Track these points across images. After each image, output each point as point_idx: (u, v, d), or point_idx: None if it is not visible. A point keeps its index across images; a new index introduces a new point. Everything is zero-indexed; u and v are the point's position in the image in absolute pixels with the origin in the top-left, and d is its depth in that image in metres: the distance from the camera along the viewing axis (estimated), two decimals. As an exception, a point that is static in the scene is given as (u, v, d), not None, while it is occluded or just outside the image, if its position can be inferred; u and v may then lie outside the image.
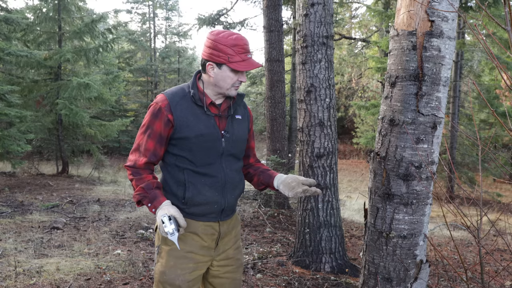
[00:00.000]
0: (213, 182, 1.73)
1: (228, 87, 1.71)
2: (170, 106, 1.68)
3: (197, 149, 1.70)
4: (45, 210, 6.23)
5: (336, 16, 13.68)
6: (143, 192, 1.67)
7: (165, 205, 1.65)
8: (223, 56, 1.66)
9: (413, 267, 1.71)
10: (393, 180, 1.67)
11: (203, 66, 1.72)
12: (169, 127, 1.69)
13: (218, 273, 1.81)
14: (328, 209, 3.86)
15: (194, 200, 1.70)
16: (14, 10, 10.52)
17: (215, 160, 1.74)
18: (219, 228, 1.78)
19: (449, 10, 1.58)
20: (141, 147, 1.70)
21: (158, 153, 1.72)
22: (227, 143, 1.75)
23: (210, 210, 1.74)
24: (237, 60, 1.66)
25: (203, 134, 1.69)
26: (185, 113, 1.69)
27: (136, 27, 22.72)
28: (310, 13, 3.80)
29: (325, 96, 3.82)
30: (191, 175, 1.71)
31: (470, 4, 8.43)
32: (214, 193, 1.73)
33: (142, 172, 1.70)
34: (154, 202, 1.66)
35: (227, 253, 1.82)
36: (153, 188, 1.68)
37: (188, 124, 1.69)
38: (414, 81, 1.62)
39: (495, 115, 1.62)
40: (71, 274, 3.46)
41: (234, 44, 1.66)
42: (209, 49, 1.68)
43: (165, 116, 1.67)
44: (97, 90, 10.13)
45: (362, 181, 16.14)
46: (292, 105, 11.28)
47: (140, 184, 1.68)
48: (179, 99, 1.71)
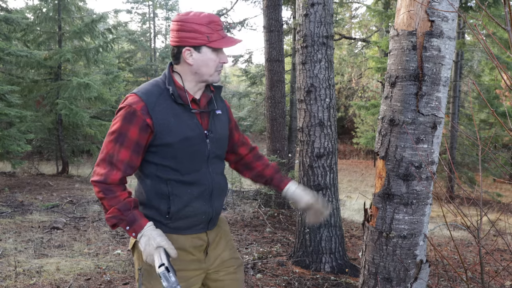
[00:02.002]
0: (200, 192, 1.53)
1: (212, 72, 1.50)
2: (148, 108, 1.43)
3: (182, 156, 1.48)
4: (45, 210, 6.23)
5: (336, 16, 13.68)
6: (119, 214, 1.42)
7: (147, 230, 1.42)
8: (201, 36, 1.45)
9: (413, 267, 1.71)
10: (393, 180, 1.67)
11: (177, 55, 1.49)
12: (148, 133, 1.44)
13: (217, 276, 1.64)
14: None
15: (180, 214, 1.50)
16: (14, 10, 10.53)
17: (201, 166, 1.53)
18: (207, 238, 1.61)
19: (449, 10, 1.58)
20: (113, 158, 1.43)
21: (134, 164, 1.46)
22: (212, 144, 1.55)
23: (198, 222, 1.55)
24: (216, 37, 1.46)
25: (188, 137, 1.48)
26: (165, 115, 1.45)
27: (136, 27, 22.77)
28: (310, 13, 3.80)
29: (325, 96, 3.82)
30: (176, 186, 1.49)
31: (470, 4, 8.43)
32: (202, 204, 1.54)
33: (115, 189, 1.43)
34: (134, 225, 1.42)
35: (222, 257, 1.65)
36: (131, 208, 1.43)
37: (170, 127, 1.45)
38: (414, 81, 1.62)
39: (495, 115, 1.62)
40: (71, 274, 3.46)
41: (210, 20, 1.46)
42: (182, 32, 1.46)
43: (142, 121, 1.42)
44: (97, 90, 10.13)
45: (362, 181, 16.14)
46: (292, 105, 11.28)
47: (114, 204, 1.42)
48: (155, 99, 1.46)
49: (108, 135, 1.45)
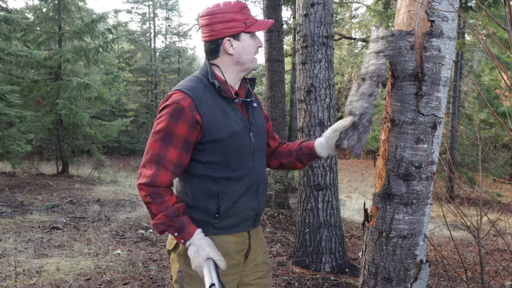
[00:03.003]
0: (248, 187, 1.49)
1: (252, 58, 1.49)
2: (196, 104, 1.39)
3: (231, 151, 1.44)
4: (45, 210, 6.23)
5: (336, 16, 13.69)
6: (167, 221, 1.37)
7: (197, 239, 1.38)
8: (238, 24, 1.43)
9: (413, 267, 1.71)
10: (393, 180, 1.67)
11: (216, 49, 1.46)
12: (197, 130, 1.39)
13: (248, 280, 1.60)
14: (328, 209, 3.86)
15: (229, 212, 1.47)
16: (14, 10, 10.53)
17: (248, 160, 1.50)
18: (249, 240, 1.57)
19: (449, 10, 1.58)
20: (160, 158, 1.37)
21: (183, 163, 1.42)
22: (255, 137, 1.52)
23: (246, 218, 1.52)
24: (252, 22, 1.46)
25: (236, 131, 1.44)
26: (213, 110, 1.42)
27: (136, 27, 22.78)
28: (310, 13, 3.80)
29: (325, 96, 3.82)
30: (225, 184, 1.45)
31: (470, 4, 8.43)
32: (249, 199, 1.51)
33: (163, 193, 1.38)
34: (183, 233, 1.38)
35: (256, 260, 1.62)
36: (179, 215, 1.39)
37: (218, 122, 1.41)
38: (414, 81, 1.62)
39: (495, 115, 1.62)
40: (71, 274, 3.46)
41: (242, 6, 1.45)
42: (218, 24, 1.43)
43: (191, 117, 1.37)
44: (97, 90, 10.14)
45: (362, 181, 16.14)
46: (292, 105, 11.28)
47: (162, 210, 1.37)
48: (201, 94, 1.42)
49: (153, 135, 1.40)
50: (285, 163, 1.69)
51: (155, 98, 21.31)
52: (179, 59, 22.18)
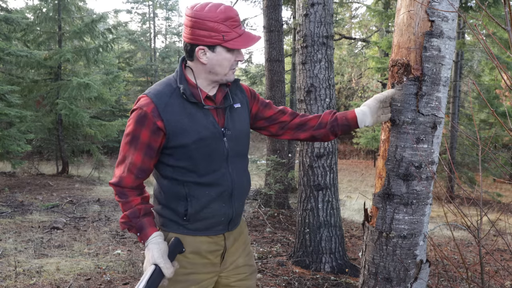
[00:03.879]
0: (219, 193, 1.46)
1: (226, 71, 1.42)
2: (158, 109, 1.37)
3: (198, 156, 1.42)
4: (45, 210, 6.23)
5: (336, 16, 13.69)
6: (128, 221, 1.41)
7: (151, 242, 1.39)
8: (216, 35, 1.36)
9: (413, 267, 1.71)
10: (393, 180, 1.67)
11: (191, 53, 1.42)
12: (160, 136, 1.39)
13: (228, 281, 1.58)
14: (328, 209, 3.86)
15: (198, 216, 1.45)
16: (14, 10, 10.54)
17: (220, 165, 1.46)
18: (225, 242, 1.55)
19: (449, 10, 1.58)
20: (127, 161, 1.40)
21: (147, 168, 1.43)
22: (230, 141, 1.47)
23: (217, 223, 1.50)
24: (233, 36, 1.37)
25: (203, 137, 1.41)
26: (178, 116, 1.39)
27: (136, 27, 22.80)
28: (310, 13, 3.80)
29: (325, 96, 3.82)
30: (193, 188, 1.44)
31: (470, 4, 8.43)
32: (221, 205, 1.48)
33: (128, 193, 1.41)
34: (141, 234, 1.41)
35: (237, 262, 1.59)
36: (140, 216, 1.41)
37: (183, 128, 1.39)
38: (414, 81, 1.62)
39: (495, 115, 1.62)
40: (71, 274, 3.46)
41: (226, 17, 1.35)
42: (196, 30, 1.37)
43: (152, 124, 1.37)
44: (97, 90, 10.14)
45: (362, 181, 16.14)
46: (292, 105, 11.27)
47: (125, 209, 1.41)
48: (167, 99, 1.40)
49: (124, 137, 1.42)
50: (317, 135, 1.63)
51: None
52: (179, 59, 22.16)
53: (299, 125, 1.64)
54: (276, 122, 1.65)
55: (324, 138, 1.64)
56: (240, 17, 1.42)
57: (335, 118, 1.59)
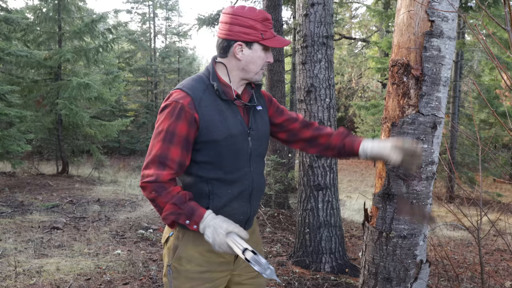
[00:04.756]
0: (240, 191, 1.49)
1: (257, 70, 1.48)
2: (194, 103, 1.40)
3: (226, 153, 1.44)
4: (45, 210, 6.23)
5: (336, 16, 13.69)
6: (175, 209, 1.36)
7: (210, 219, 1.37)
8: (255, 33, 1.43)
9: (413, 267, 1.71)
10: (393, 180, 1.67)
11: (226, 49, 1.46)
12: (195, 129, 1.40)
13: (240, 279, 1.60)
14: (328, 209, 3.86)
15: (218, 214, 1.44)
16: (14, 10, 10.52)
17: (244, 164, 1.49)
18: None
19: (449, 10, 1.58)
20: (163, 158, 1.38)
21: (185, 162, 1.41)
22: (254, 141, 1.51)
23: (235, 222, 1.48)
24: (270, 36, 1.45)
25: (232, 134, 1.44)
26: (211, 111, 1.42)
27: (136, 27, 22.76)
28: (310, 13, 3.80)
29: (325, 96, 3.82)
30: (217, 185, 1.46)
31: (470, 4, 8.43)
32: (241, 204, 1.50)
33: (167, 185, 1.37)
34: (193, 217, 1.37)
35: None
36: (186, 201, 1.38)
37: (215, 124, 1.42)
38: (415, 82, 1.62)
39: (495, 115, 1.62)
40: (71, 274, 3.46)
41: (265, 17, 1.44)
42: (236, 26, 1.43)
43: (190, 116, 1.38)
44: (97, 90, 10.13)
45: (362, 181, 16.13)
46: (292, 105, 11.28)
47: (169, 200, 1.36)
48: (201, 94, 1.43)
49: (155, 136, 1.40)
50: (323, 154, 1.71)
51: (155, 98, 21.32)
52: (179, 59, 22.18)
53: (310, 139, 1.69)
54: (285, 129, 1.69)
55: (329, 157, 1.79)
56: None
57: (343, 145, 1.63)
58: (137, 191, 8.80)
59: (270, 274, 1.28)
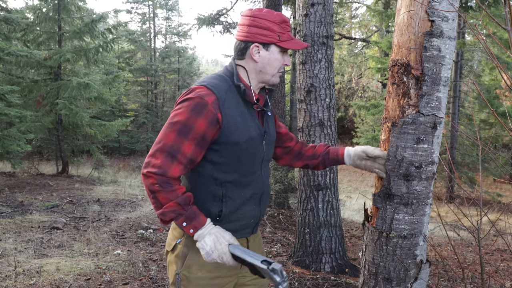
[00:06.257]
0: (252, 194, 1.48)
1: (274, 72, 1.48)
2: (219, 102, 1.36)
3: (245, 156, 1.43)
4: (45, 210, 6.23)
5: (336, 16, 13.69)
6: (178, 209, 1.33)
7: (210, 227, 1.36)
8: (272, 34, 1.42)
9: (413, 267, 1.71)
10: (393, 180, 1.67)
11: (244, 50, 1.46)
12: (216, 129, 1.36)
13: (245, 281, 1.60)
14: (328, 209, 3.86)
15: (231, 217, 1.44)
16: (14, 10, 10.52)
17: (257, 167, 1.49)
18: (248, 245, 1.56)
19: (449, 10, 1.58)
20: (174, 151, 1.32)
21: (196, 160, 1.37)
22: (267, 145, 1.51)
23: (246, 225, 1.51)
24: (287, 38, 1.44)
25: (252, 137, 1.43)
26: (234, 112, 1.40)
27: (136, 27, 22.75)
28: (310, 13, 3.80)
29: (325, 96, 3.82)
30: (231, 188, 1.43)
31: (470, 4, 8.43)
32: (252, 207, 1.50)
33: (173, 183, 1.33)
34: (194, 222, 1.34)
35: None
36: (190, 203, 1.35)
37: (237, 126, 1.39)
38: (415, 82, 1.62)
39: (495, 115, 1.62)
40: (71, 274, 3.46)
41: (282, 20, 1.44)
42: (253, 28, 1.42)
43: (213, 115, 1.34)
44: (97, 90, 10.14)
45: (362, 181, 16.13)
46: (292, 105, 11.28)
47: (172, 198, 1.32)
48: (225, 94, 1.40)
49: (169, 125, 1.34)
50: (310, 164, 1.75)
51: (155, 98, 21.32)
52: (179, 59, 22.18)
53: (297, 154, 1.76)
54: (283, 145, 1.74)
55: (315, 168, 1.77)
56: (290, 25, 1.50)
57: (327, 152, 1.72)
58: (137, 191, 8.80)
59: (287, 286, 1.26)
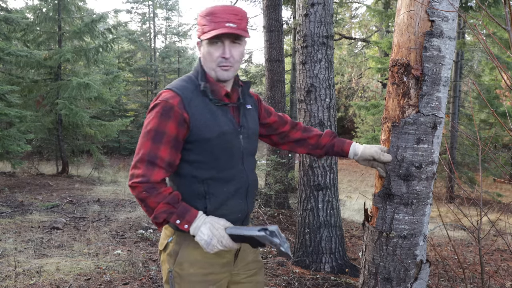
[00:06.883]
0: (236, 189, 1.50)
1: (213, 66, 1.44)
2: (184, 102, 1.40)
3: (219, 152, 1.44)
4: (45, 210, 6.22)
5: (336, 16, 13.69)
6: (168, 208, 1.35)
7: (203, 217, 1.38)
8: (200, 29, 1.43)
9: (413, 267, 1.71)
10: (393, 181, 1.67)
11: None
12: (185, 129, 1.40)
13: (239, 278, 1.60)
14: (328, 209, 3.86)
15: (217, 213, 1.44)
16: (14, 10, 10.52)
17: (237, 162, 1.50)
18: None
19: (450, 10, 1.58)
20: (153, 158, 1.37)
21: (174, 162, 1.42)
22: (245, 139, 1.52)
23: (234, 220, 1.50)
24: (209, 29, 1.39)
25: (224, 132, 1.44)
26: (201, 110, 1.42)
27: (136, 27, 22.75)
28: (310, 13, 3.80)
29: (325, 96, 3.82)
30: (212, 185, 1.45)
31: (470, 4, 8.42)
32: (238, 201, 1.51)
33: (158, 186, 1.36)
34: (186, 216, 1.36)
35: (246, 259, 1.61)
36: (179, 200, 1.39)
37: (206, 123, 1.41)
38: (416, 82, 1.62)
39: (495, 115, 1.62)
40: (71, 274, 3.46)
41: (210, 12, 1.40)
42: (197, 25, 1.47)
43: (179, 115, 1.38)
44: (97, 90, 10.14)
45: (362, 181, 16.13)
46: (292, 105, 11.28)
47: (160, 200, 1.35)
48: (191, 94, 1.43)
49: (144, 135, 1.39)
50: (312, 153, 1.76)
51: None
52: (179, 59, 22.16)
53: (299, 140, 1.75)
54: (277, 132, 1.74)
55: (318, 156, 1.79)
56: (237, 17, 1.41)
57: (332, 145, 1.71)
58: (137, 191, 8.78)
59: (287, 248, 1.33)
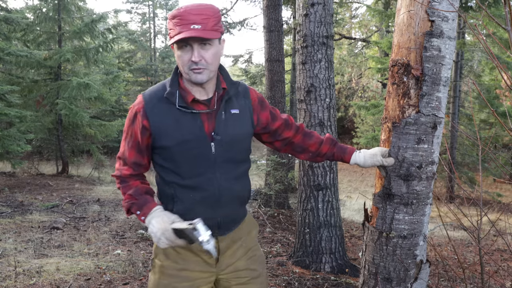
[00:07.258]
0: (203, 197, 1.45)
1: (186, 70, 1.39)
2: (146, 110, 1.42)
3: (181, 159, 1.43)
4: (45, 210, 6.22)
5: (336, 16, 13.68)
6: (131, 199, 1.46)
7: (159, 212, 1.42)
8: (169, 31, 1.40)
9: (413, 267, 1.71)
10: (393, 181, 1.67)
11: None
12: (147, 136, 1.44)
13: (229, 284, 1.57)
14: (328, 209, 3.86)
15: (183, 217, 1.43)
16: (14, 10, 10.52)
17: (205, 170, 1.45)
18: (218, 245, 1.53)
19: (450, 10, 1.58)
20: (124, 156, 1.51)
21: (141, 164, 1.50)
22: (219, 147, 1.44)
23: None
24: (174, 33, 1.35)
25: (186, 140, 1.41)
26: (163, 117, 1.41)
27: (136, 27, 22.77)
28: (310, 13, 3.80)
29: (325, 96, 3.82)
30: (178, 189, 1.46)
31: (470, 4, 8.43)
32: (205, 210, 1.46)
33: (128, 179, 1.50)
34: (144, 208, 1.43)
35: (236, 265, 1.57)
36: (143, 193, 1.47)
37: (166, 131, 1.41)
38: (416, 82, 1.62)
39: (495, 115, 1.62)
40: (71, 274, 3.46)
41: (175, 14, 1.35)
42: None
43: (139, 123, 1.43)
44: (97, 90, 10.14)
45: (362, 181, 16.13)
46: (292, 105, 11.28)
47: (127, 191, 1.48)
48: (156, 101, 1.43)
49: (123, 133, 1.52)
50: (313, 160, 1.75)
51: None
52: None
53: (300, 147, 1.71)
54: (281, 138, 1.68)
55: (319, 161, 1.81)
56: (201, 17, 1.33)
57: (332, 154, 1.69)
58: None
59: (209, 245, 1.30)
